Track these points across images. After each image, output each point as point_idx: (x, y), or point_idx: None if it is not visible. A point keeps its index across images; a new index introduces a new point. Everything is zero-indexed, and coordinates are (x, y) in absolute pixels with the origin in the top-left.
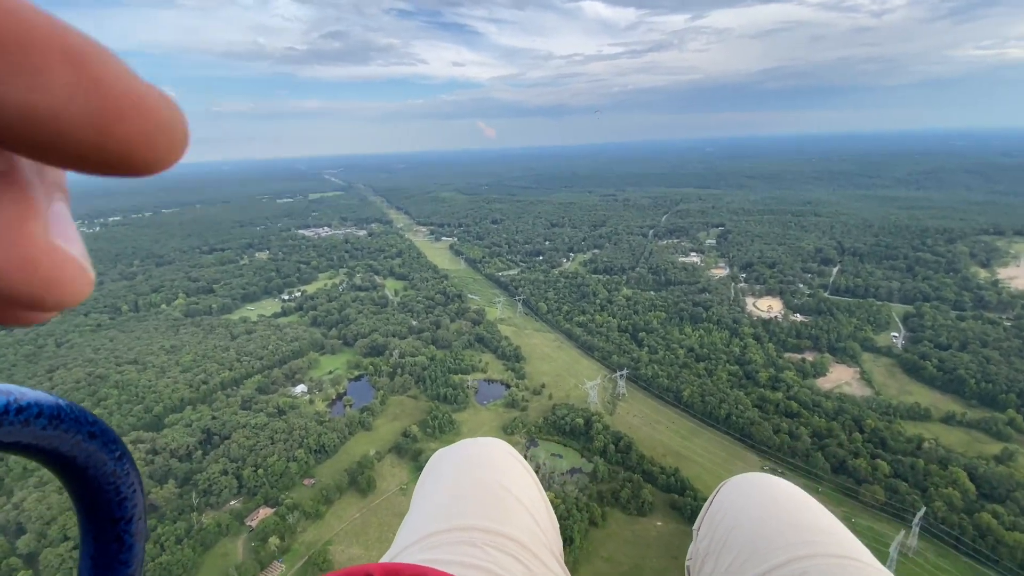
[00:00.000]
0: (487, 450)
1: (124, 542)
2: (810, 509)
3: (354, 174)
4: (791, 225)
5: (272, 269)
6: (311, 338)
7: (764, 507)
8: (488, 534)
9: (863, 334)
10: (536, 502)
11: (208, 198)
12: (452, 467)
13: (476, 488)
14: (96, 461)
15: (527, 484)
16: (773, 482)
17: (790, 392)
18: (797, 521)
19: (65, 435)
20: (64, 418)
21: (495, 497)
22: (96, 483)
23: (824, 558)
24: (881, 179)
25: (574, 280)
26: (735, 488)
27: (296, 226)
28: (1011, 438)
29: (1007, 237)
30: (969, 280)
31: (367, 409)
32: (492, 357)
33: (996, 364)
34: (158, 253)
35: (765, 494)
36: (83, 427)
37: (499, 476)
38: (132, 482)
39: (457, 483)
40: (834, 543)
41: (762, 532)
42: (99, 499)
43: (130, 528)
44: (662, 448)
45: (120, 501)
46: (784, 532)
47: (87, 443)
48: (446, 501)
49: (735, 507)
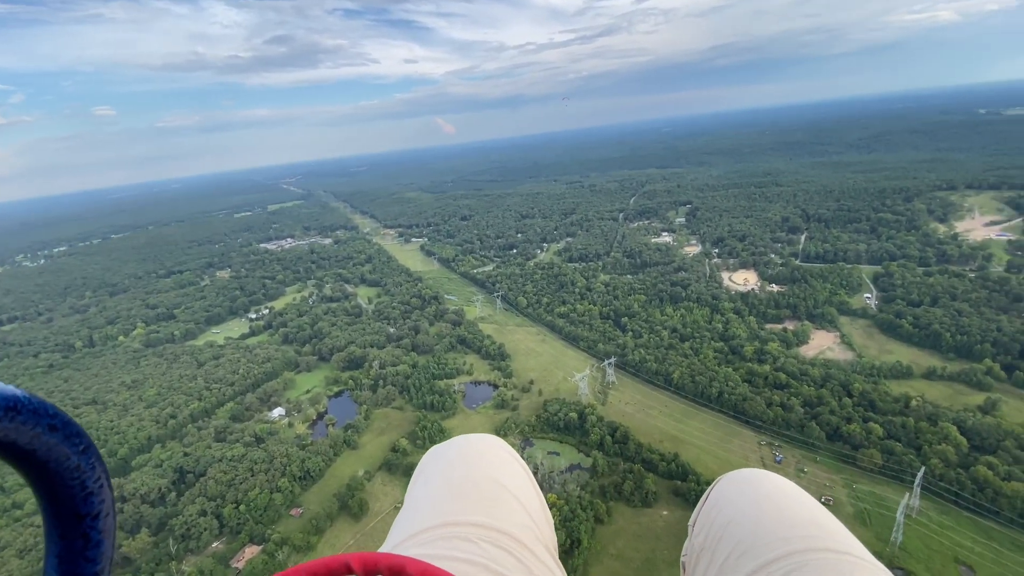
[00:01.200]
0: (480, 446)
1: (91, 539)
2: (805, 504)
3: (313, 181)
4: (755, 197)
5: (235, 287)
6: (284, 357)
7: (759, 502)
8: (482, 529)
9: (838, 298)
10: (530, 497)
11: (160, 219)
12: (446, 463)
13: (470, 484)
14: (58, 455)
15: (521, 479)
16: (768, 478)
17: (777, 364)
18: (793, 516)
19: (23, 427)
20: (21, 409)
21: (489, 492)
22: (59, 478)
23: (820, 552)
24: (834, 146)
25: (551, 271)
26: (730, 484)
27: (257, 240)
28: (991, 387)
29: (959, 191)
30: (930, 236)
31: (351, 426)
32: (476, 358)
33: (968, 316)
34: (111, 282)
35: (760, 490)
36: (43, 419)
37: (493, 471)
38: (98, 476)
39: (451, 479)
40: (830, 538)
41: (758, 527)
42: (63, 495)
43: (97, 524)
44: (658, 434)
45: (86, 496)
46: (780, 527)
47: (48, 436)
48: (440, 497)
49: (730, 503)
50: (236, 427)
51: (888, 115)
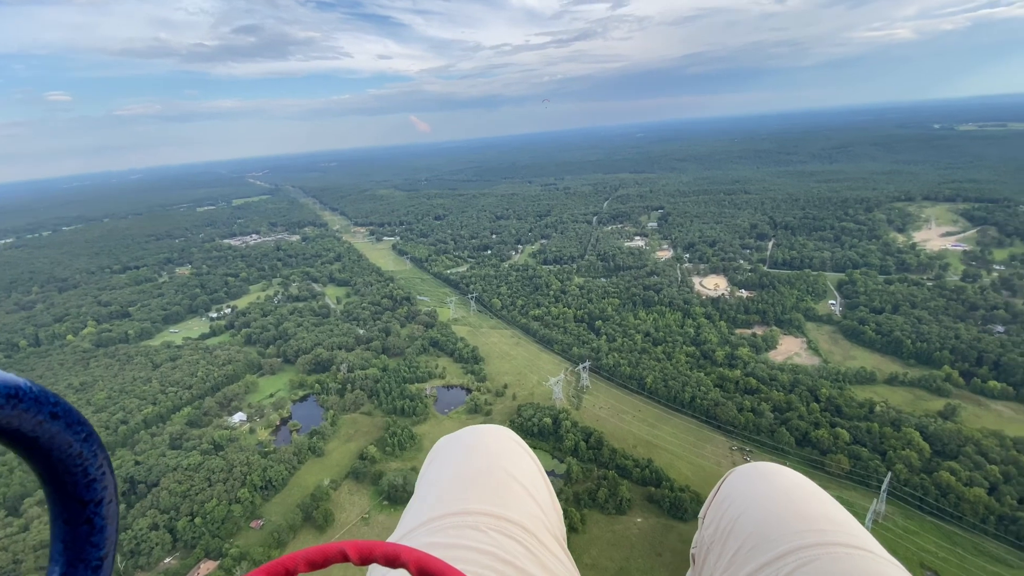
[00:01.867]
0: (490, 436)
1: (95, 525)
2: (817, 498)
3: (281, 175)
4: (725, 203)
5: (196, 285)
6: (246, 359)
7: (770, 496)
8: (491, 518)
9: (805, 304)
10: (539, 487)
11: (116, 211)
12: (455, 453)
13: (479, 473)
14: (61, 442)
15: (530, 469)
16: (780, 471)
17: (747, 369)
18: (804, 510)
19: (25, 415)
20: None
21: (498, 482)
22: (63, 465)
23: (831, 547)
24: (798, 155)
25: (525, 273)
26: (741, 477)
27: (220, 235)
28: (950, 393)
29: (916, 202)
30: (890, 245)
31: (316, 433)
32: (449, 361)
33: (927, 324)
34: (60, 276)
35: (772, 483)
36: (44, 407)
37: (502, 461)
38: (100, 463)
39: (460, 469)
40: (842, 532)
41: (768, 521)
42: (67, 481)
43: (100, 510)
44: (632, 439)
45: (89, 483)
46: (791, 521)
47: (50, 424)
48: (449, 486)
49: (741, 495)
50: (193, 433)
51: (850, 127)
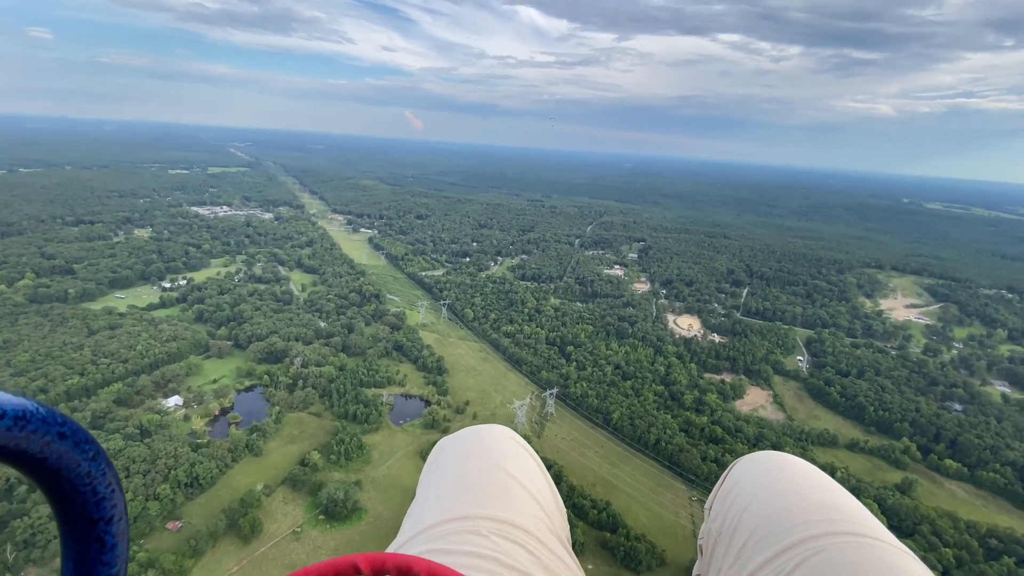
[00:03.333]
0: (490, 437)
1: (105, 543)
2: (825, 487)
3: (265, 150)
4: (705, 245)
5: (153, 250)
6: (193, 337)
7: (779, 485)
8: (493, 522)
9: (774, 357)
10: (541, 488)
11: (81, 160)
12: (456, 455)
13: (480, 476)
14: (69, 462)
15: (532, 470)
16: (788, 460)
17: (714, 416)
18: (813, 499)
19: (34, 436)
20: (31, 419)
21: (499, 485)
22: (71, 484)
23: (841, 536)
24: (777, 209)
25: (502, 286)
26: (749, 466)
27: (189, 202)
28: (908, 466)
29: (885, 271)
30: (858, 309)
31: (257, 429)
32: (411, 368)
33: (890, 392)
34: (6, 221)
35: (780, 472)
36: (52, 427)
37: (503, 463)
38: (109, 481)
39: (461, 472)
40: (852, 521)
41: (776, 512)
42: (76, 500)
43: (111, 528)
44: (592, 476)
45: (98, 501)
46: (799, 510)
47: (58, 444)
48: (450, 490)
49: (749, 485)
50: (119, 414)
51: (825, 190)
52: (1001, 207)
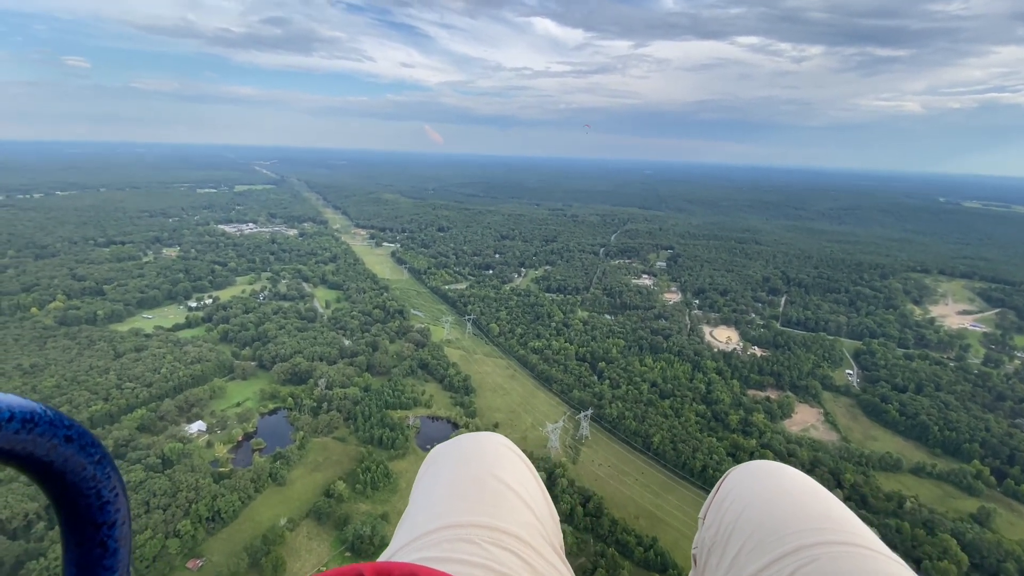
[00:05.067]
0: (484, 444)
1: (108, 547)
2: (819, 497)
3: (289, 167)
4: (736, 252)
5: (180, 269)
6: (218, 359)
7: (772, 494)
8: (486, 530)
9: (821, 371)
10: (535, 495)
11: (114, 181)
12: (449, 463)
13: (473, 484)
14: (75, 465)
15: (525, 478)
16: (781, 469)
17: (763, 439)
18: (806, 509)
19: (40, 439)
20: (39, 422)
21: (493, 492)
22: (76, 488)
23: (833, 545)
24: (807, 212)
25: (527, 299)
26: (743, 475)
27: (216, 220)
28: (982, 493)
29: (932, 275)
30: (907, 317)
31: (281, 456)
32: (438, 387)
33: (955, 410)
34: (41, 243)
35: (773, 481)
36: (59, 431)
37: (496, 470)
38: (114, 486)
39: (454, 479)
40: (844, 530)
41: (770, 520)
42: (80, 504)
43: (114, 533)
44: (634, 508)
45: (102, 505)
46: (792, 520)
47: (64, 447)
48: (443, 498)
49: (743, 494)
50: (142, 442)
51: (855, 191)
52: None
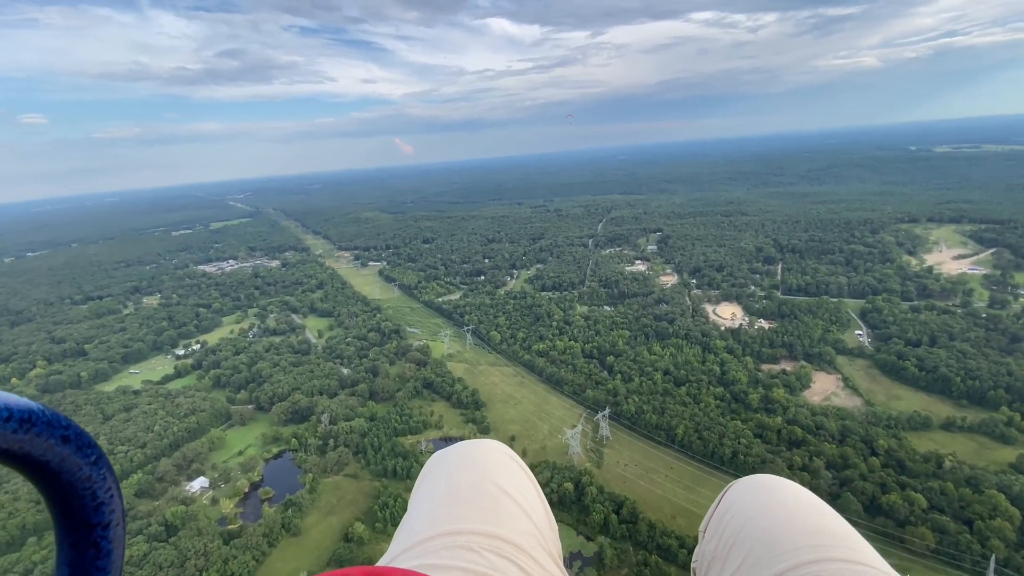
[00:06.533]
0: (483, 451)
1: (102, 548)
2: (820, 513)
3: (263, 198)
4: (724, 225)
5: (163, 317)
6: (213, 408)
7: (773, 510)
8: (485, 537)
9: (832, 336)
10: (533, 504)
11: (86, 235)
12: (448, 470)
13: (472, 491)
14: (71, 465)
15: (524, 485)
16: (783, 484)
17: (787, 415)
18: (807, 524)
19: (37, 439)
20: (36, 421)
21: (491, 500)
22: (71, 488)
23: (834, 563)
24: (786, 177)
25: (524, 301)
26: (744, 489)
27: (195, 261)
28: (1016, 440)
29: (921, 224)
30: (905, 269)
31: (292, 503)
32: (446, 406)
33: (974, 358)
34: (15, 309)
35: (774, 496)
36: (56, 431)
37: (495, 478)
38: (109, 487)
39: (453, 486)
40: (845, 547)
41: (770, 535)
42: (75, 504)
43: (108, 534)
44: (669, 507)
45: (97, 506)
46: (793, 535)
47: (61, 447)
48: (441, 504)
49: (743, 509)
50: (141, 509)
51: (828, 150)
52: (1010, 140)
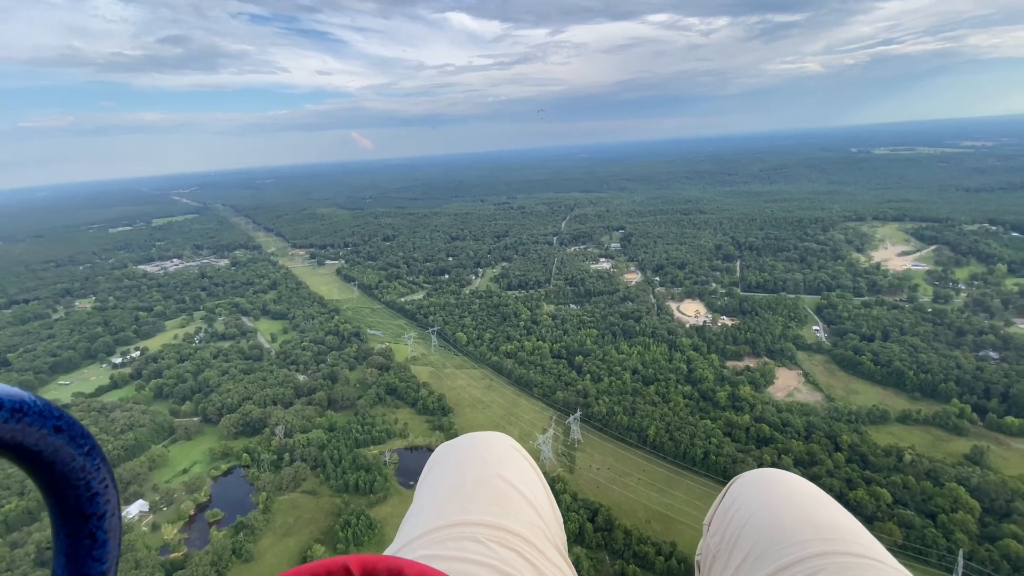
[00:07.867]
0: (489, 443)
1: (97, 538)
2: (825, 506)
3: (211, 193)
4: (684, 223)
5: (98, 322)
6: (154, 421)
7: (778, 503)
8: (491, 529)
9: (792, 331)
10: (539, 496)
11: (12, 232)
12: (455, 461)
13: (478, 483)
14: (64, 456)
15: (530, 478)
16: (787, 478)
17: (755, 412)
18: (812, 518)
19: (29, 429)
20: (28, 411)
21: (498, 491)
22: (65, 478)
23: (839, 556)
24: (740, 176)
25: (490, 300)
26: (748, 483)
27: (134, 261)
28: (968, 431)
29: (867, 222)
30: (855, 266)
31: (243, 525)
32: (411, 412)
33: (924, 352)
34: None
35: (779, 490)
36: (48, 420)
37: (502, 470)
38: (103, 477)
39: (459, 478)
40: (850, 541)
41: (775, 529)
42: (70, 495)
43: (103, 524)
44: (643, 511)
45: (91, 497)
46: (798, 529)
47: (53, 437)
48: (448, 496)
49: (748, 503)
50: None
51: (777, 150)
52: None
